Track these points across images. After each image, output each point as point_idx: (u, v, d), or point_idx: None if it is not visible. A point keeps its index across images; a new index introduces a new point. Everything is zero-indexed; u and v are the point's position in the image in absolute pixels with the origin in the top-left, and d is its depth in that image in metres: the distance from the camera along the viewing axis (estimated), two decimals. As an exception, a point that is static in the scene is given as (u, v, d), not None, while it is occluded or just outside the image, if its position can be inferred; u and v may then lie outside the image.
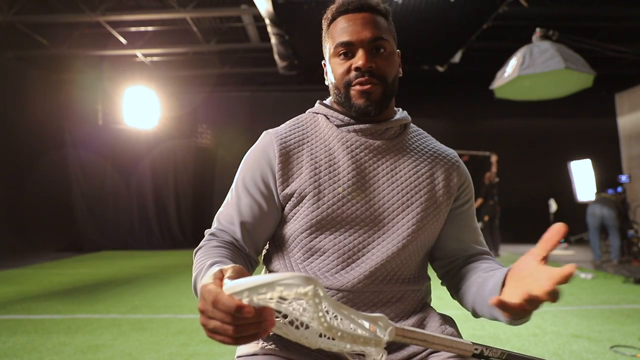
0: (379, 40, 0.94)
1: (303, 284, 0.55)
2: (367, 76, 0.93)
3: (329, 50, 0.98)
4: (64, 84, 10.25)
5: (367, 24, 0.94)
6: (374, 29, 0.94)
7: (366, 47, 0.93)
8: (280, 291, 0.55)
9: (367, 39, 0.93)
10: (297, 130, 1.01)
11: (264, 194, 0.96)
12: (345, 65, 0.95)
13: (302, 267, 0.95)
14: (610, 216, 6.61)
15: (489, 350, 0.77)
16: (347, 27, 0.94)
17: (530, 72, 5.10)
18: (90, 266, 7.08)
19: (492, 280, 0.85)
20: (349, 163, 0.95)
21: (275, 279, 0.55)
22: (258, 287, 0.56)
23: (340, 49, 0.94)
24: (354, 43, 0.93)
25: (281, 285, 0.55)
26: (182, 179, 10.45)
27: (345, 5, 0.95)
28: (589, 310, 3.86)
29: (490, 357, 0.78)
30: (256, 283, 0.56)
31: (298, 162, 0.96)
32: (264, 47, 8.54)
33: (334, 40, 0.96)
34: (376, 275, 0.92)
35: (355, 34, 0.93)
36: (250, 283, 0.56)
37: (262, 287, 0.56)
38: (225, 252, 0.89)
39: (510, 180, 10.30)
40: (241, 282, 0.57)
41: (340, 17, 0.96)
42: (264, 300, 0.57)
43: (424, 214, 0.95)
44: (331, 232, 0.93)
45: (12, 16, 7.24)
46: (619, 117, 11.04)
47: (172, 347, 2.89)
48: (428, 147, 1.04)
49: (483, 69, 8.47)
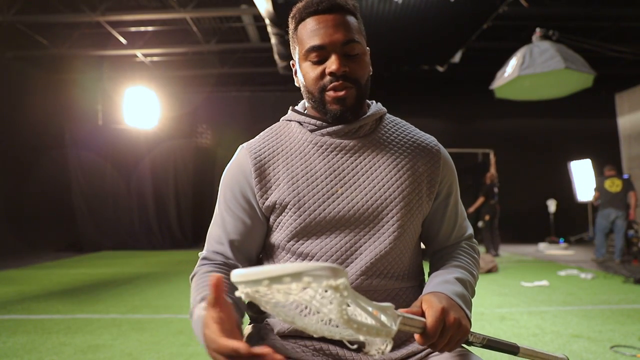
0: (351, 42, 0.91)
1: (334, 276, 0.52)
2: (341, 80, 0.91)
3: (299, 52, 0.96)
4: (64, 84, 10.25)
5: (339, 26, 0.91)
6: (346, 32, 0.91)
7: (338, 50, 0.91)
8: (307, 282, 0.52)
9: (340, 42, 0.90)
10: (271, 141, 1.01)
11: (246, 210, 0.97)
12: (318, 69, 0.92)
13: None
14: (623, 217, 6.66)
15: (472, 336, 0.83)
16: (318, 30, 0.91)
17: (530, 72, 5.11)
18: (90, 266, 7.08)
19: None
20: (326, 167, 0.95)
21: (302, 269, 0.52)
22: (282, 276, 0.52)
23: (312, 52, 0.92)
24: (325, 47, 0.91)
25: (309, 276, 0.52)
26: (182, 179, 10.44)
27: (314, 6, 0.92)
28: (589, 310, 3.86)
29: (474, 343, 0.83)
30: (280, 272, 0.52)
31: (274, 172, 0.96)
32: (264, 47, 8.54)
33: (304, 43, 0.93)
34: (369, 274, 0.91)
35: (327, 37, 0.90)
36: (273, 271, 0.52)
37: (287, 277, 0.52)
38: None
39: (510, 180, 10.31)
40: (261, 269, 0.54)
41: (310, 17, 0.93)
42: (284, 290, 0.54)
43: (408, 207, 0.95)
44: (317, 237, 0.93)
45: (12, 16, 7.24)
46: (619, 117, 11.04)
47: (172, 347, 2.89)
48: (407, 138, 1.02)
49: (483, 69, 8.47)
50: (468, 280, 0.94)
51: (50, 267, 7.03)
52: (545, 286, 5.02)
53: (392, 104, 1.59)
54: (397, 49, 6.92)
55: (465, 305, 0.86)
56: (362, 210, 0.93)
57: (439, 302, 0.79)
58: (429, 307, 0.78)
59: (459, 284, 0.90)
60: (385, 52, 6.76)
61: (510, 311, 3.87)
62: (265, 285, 0.53)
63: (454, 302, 0.83)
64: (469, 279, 0.95)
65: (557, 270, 6.18)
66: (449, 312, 0.79)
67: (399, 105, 7.47)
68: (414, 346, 0.93)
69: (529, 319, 3.61)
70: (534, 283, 5.13)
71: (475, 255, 1.05)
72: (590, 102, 10.32)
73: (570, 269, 6.28)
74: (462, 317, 0.81)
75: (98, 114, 10.63)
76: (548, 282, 5.14)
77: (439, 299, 0.81)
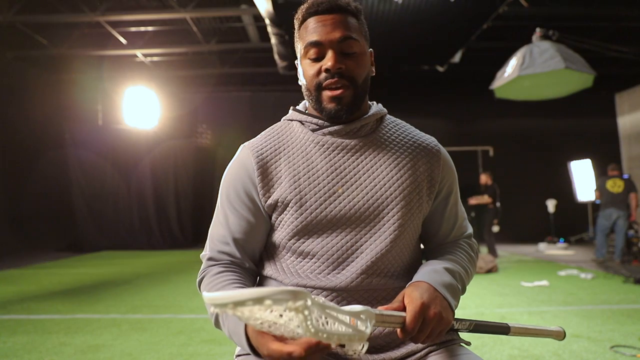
0: (348, 40, 0.93)
1: (293, 299, 0.56)
2: (336, 78, 0.92)
3: (300, 51, 0.97)
4: (64, 84, 10.25)
5: (337, 25, 0.93)
6: (344, 29, 0.93)
7: (335, 47, 0.92)
8: (268, 305, 0.56)
9: (336, 39, 0.92)
10: (273, 140, 1.01)
11: (249, 208, 0.97)
12: (316, 67, 0.94)
13: (293, 271, 0.95)
14: (624, 217, 6.66)
15: (458, 323, 0.86)
16: (317, 28, 0.93)
17: (530, 72, 5.11)
18: (90, 266, 7.08)
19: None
20: (327, 166, 0.96)
21: (263, 294, 0.55)
22: (245, 300, 0.55)
23: (310, 49, 0.94)
24: (323, 43, 0.92)
25: (270, 299, 0.55)
26: (182, 179, 10.45)
27: (315, 6, 0.95)
28: (589, 310, 3.85)
29: (460, 329, 0.85)
30: (243, 297, 0.55)
31: (277, 171, 0.97)
32: (264, 47, 8.54)
33: (304, 41, 0.95)
34: (369, 273, 0.92)
35: (324, 34, 0.92)
36: (237, 296, 0.56)
37: (249, 301, 0.55)
38: (230, 278, 0.92)
39: (510, 180, 10.30)
40: (226, 294, 0.57)
41: (311, 17, 0.95)
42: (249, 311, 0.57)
43: (409, 207, 0.96)
44: (319, 235, 0.93)
45: (12, 16, 7.24)
46: (619, 117, 11.05)
47: (172, 347, 2.89)
48: (407, 138, 1.03)
49: (483, 69, 8.47)
50: (458, 272, 0.94)
51: (50, 267, 7.03)
52: (545, 286, 5.02)
53: (392, 104, 1.59)
54: (397, 49, 6.92)
55: (451, 294, 0.87)
56: (363, 209, 0.94)
57: (419, 296, 0.81)
58: (409, 302, 0.80)
59: (447, 274, 0.91)
60: (385, 52, 6.77)
61: (510, 311, 3.87)
62: (230, 309, 0.56)
63: (437, 294, 0.84)
64: (460, 271, 0.95)
65: (557, 270, 6.18)
66: (430, 306, 0.80)
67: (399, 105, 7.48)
68: (414, 345, 0.93)
69: (529, 319, 3.61)
70: (534, 283, 5.13)
71: (472, 253, 1.06)
72: (590, 102, 10.32)
73: (570, 269, 6.28)
74: (445, 308, 0.82)
75: (98, 114, 10.63)
76: (548, 282, 5.14)
77: (420, 292, 0.82)
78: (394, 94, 9.82)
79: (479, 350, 2.79)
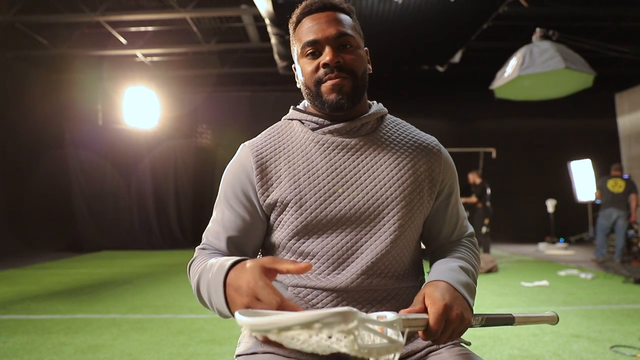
0: (344, 36, 0.94)
1: (345, 321, 0.53)
2: (335, 71, 0.93)
3: (297, 52, 0.98)
4: (64, 84, 10.25)
5: (332, 22, 0.94)
6: (338, 26, 0.94)
7: (332, 43, 0.93)
8: (318, 329, 0.52)
9: (332, 35, 0.93)
10: (273, 139, 1.01)
11: (246, 207, 0.97)
12: (314, 63, 0.95)
13: None
14: (624, 217, 6.67)
15: (474, 319, 0.85)
16: (312, 27, 0.95)
17: (530, 72, 5.10)
18: (90, 266, 7.08)
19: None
20: (327, 165, 0.95)
21: (311, 318, 0.52)
22: (292, 326, 0.52)
23: (307, 48, 0.95)
24: (319, 41, 0.93)
25: (319, 323, 0.52)
26: (182, 179, 10.45)
27: (308, 7, 0.97)
28: (589, 310, 3.86)
29: (474, 325, 0.85)
30: (288, 322, 0.52)
31: (276, 170, 0.96)
32: (264, 47, 8.54)
33: (300, 41, 0.96)
34: (369, 274, 0.92)
35: (320, 32, 0.93)
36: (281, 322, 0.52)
37: (296, 326, 0.52)
38: (212, 254, 0.93)
39: (510, 180, 10.31)
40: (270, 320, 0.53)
41: (305, 18, 0.97)
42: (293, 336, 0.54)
43: (409, 207, 0.95)
44: (318, 236, 0.93)
45: (12, 16, 7.24)
46: (619, 117, 11.05)
47: (172, 347, 2.89)
48: (407, 138, 1.03)
49: (483, 69, 8.48)
50: (471, 271, 0.95)
51: (50, 267, 7.03)
52: (545, 286, 5.02)
53: (392, 104, 1.59)
54: (397, 49, 6.92)
55: (469, 294, 0.86)
56: (363, 209, 0.93)
57: (441, 297, 0.80)
58: (431, 304, 0.79)
59: (463, 272, 0.91)
60: (385, 52, 6.77)
61: (510, 311, 3.86)
62: (274, 334, 0.54)
63: (457, 294, 0.83)
64: (472, 270, 0.95)
65: (557, 270, 6.18)
66: (452, 307, 0.79)
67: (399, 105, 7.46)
68: (414, 345, 0.93)
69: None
70: (534, 283, 5.13)
71: (476, 251, 1.06)
72: (590, 102, 10.33)
73: (570, 269, 6.28)
74: (465, 309, 0.82)
75: (98, 114, 10.62)
76: (548, 282, 5.14)
77: (441, 293, 0.81)
78: (394, 94, 9.83)
79: (479, 350, 2.79)
